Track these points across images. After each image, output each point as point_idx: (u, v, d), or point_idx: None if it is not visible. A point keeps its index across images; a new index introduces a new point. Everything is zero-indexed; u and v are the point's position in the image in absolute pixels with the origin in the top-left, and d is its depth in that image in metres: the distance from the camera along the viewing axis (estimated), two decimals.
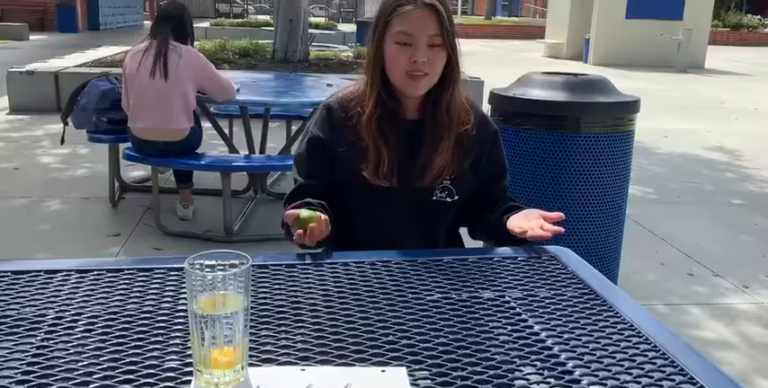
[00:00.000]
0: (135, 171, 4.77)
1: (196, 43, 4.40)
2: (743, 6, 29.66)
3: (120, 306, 1.11)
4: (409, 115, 1.57)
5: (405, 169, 1.54)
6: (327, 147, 1.57)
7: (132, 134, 3.70)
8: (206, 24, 18.41)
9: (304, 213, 1.36)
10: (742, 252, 3.84)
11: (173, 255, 2.57)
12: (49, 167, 5.10)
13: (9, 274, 1.23)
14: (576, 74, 2.77)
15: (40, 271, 1.24)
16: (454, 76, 1.52)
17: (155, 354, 0.96)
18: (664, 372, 0.95)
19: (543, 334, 1.05)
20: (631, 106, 2.68)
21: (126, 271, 1.25)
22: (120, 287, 1.19)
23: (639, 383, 0.92)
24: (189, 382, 0.88)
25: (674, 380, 0.93)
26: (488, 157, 1.63)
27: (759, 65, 16.40)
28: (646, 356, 0.99)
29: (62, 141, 4.25)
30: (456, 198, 1.58)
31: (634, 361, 0.98)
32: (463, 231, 1.75)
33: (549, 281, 1.27)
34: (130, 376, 0.90)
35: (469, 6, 41.34)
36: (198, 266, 0.88)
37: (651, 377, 0.94)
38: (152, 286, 1.20)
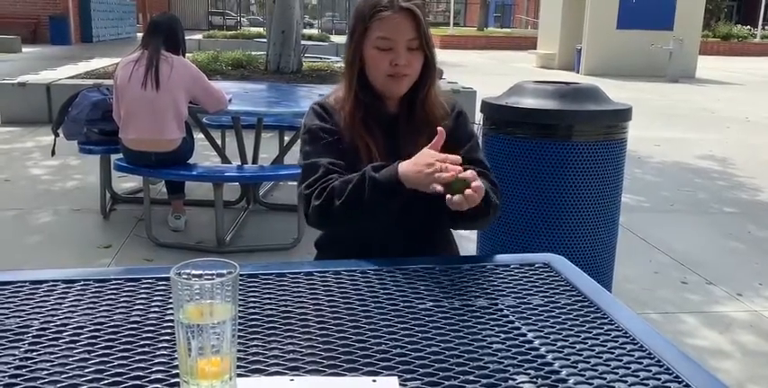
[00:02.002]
0: (127, 183, 4.75)
1: (189, 55, 4.39)
2: (733, 17, 29.93)
3: (106, 317, 1.09)
4: (386, 114, 1.60)
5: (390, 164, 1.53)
6: (332, 134, 1.55)
7: (123, 145, 3.68)
8: (199, 36, 18.44)
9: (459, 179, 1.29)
10: (735, 260, 3.83)
11: (161, 265, 2.56)
12: (40, 179, 5.07)
13: None
14: (567, 83, 2.77)
15: (25, 282, 1.22)
16: (431, 75, 1.57)
17: (141, 365, 0.94)
18: (659, 379, 0.94)
19: (536, 342, 1.04)
20: (623, 114, 2.67)
21: (113, 281, 1.23)
22: (106, 298, 1.17)
23: None
24: None
25: (668, 387, 0.92)
26: (457, 130, 1.59)
27: (749, 74, 16.52)
28: (641, 363, 0.98)
29: (53, 153, 4.23)
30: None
31: (629, 369, 0.96)
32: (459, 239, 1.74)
33: (542, 289, 1.26)
34: None
35: (461, 17, 41.57)
36: (185, 275, 0.86)
37: (647, 385, 0.92)
38: (139, 296, 1.18)
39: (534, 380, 0.93)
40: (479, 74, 13.03)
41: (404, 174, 1.36)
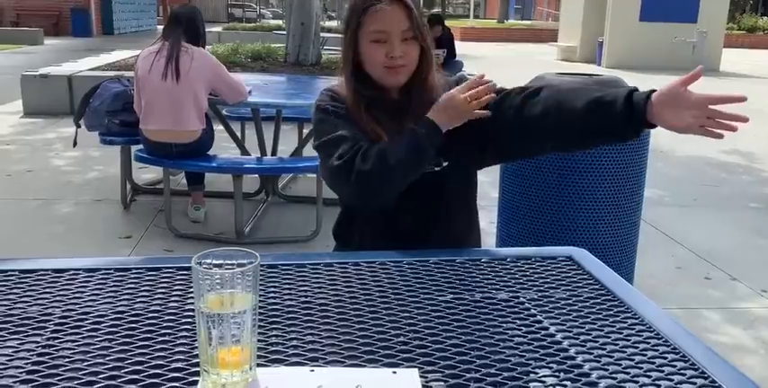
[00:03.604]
0: (147, 174, 4.78)
1: (208, 47, 4.40)
2: (758, 9, 29.45)
3: (127, 305, 1.10)
4: (390, 101, 1.58)
5: None
6: (346, 111, 1.55)
7: (144, 136, 3.70)
8: (219, 28, 18.50)
9: None
10: (759, 256, 3.78)
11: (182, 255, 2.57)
12: (62, 170, 5.12)
13: (16, 273, 1.21)
14: (590, 75, 2.74)
15: (47, 270, 1.22)
16: (428, 62, 1.57)
17: (161, 354, 0.94)
18: (684, 375, 0.92)
19: (559, 336, 1.03)
20: None
21: (134, 270, 1.24)
22: (127, 287, 1.17)
23: (659, 386, 0.89)
24: (196, 382, 0.86)
25: (694, 383, 0.90)
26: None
27: None
28: (665, 358, 0.96)
29: (74, 143, 4.27)
30: (445, 164, 1.55)
31: (653, 363, 0.95)
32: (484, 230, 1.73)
33: (564, 282, 1.24)
34: (136, 376, 0.88)
35: (482, 10, 41.34)
36: (206, 264, 0.86)
37: (671, 380, 0.91)
38: (160, 285, 1.18)
39: (557, 374, 0.92)
40: (500, 67, 12.94)
41: (437, 118, 1.46)
